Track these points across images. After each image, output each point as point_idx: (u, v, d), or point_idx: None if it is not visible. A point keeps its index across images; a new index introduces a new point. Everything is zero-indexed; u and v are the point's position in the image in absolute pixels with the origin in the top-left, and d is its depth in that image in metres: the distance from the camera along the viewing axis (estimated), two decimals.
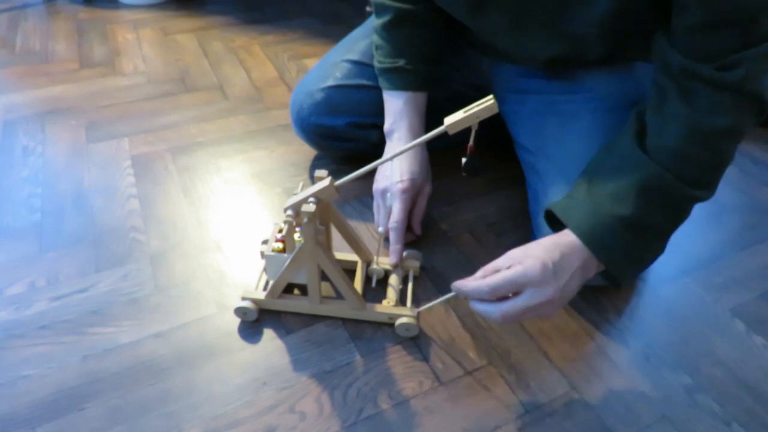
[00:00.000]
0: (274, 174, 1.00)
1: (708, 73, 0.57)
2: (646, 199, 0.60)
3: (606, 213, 0.60)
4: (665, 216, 0.61)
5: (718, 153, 0.60)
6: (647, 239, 0.62)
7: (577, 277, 0.60)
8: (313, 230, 0.63)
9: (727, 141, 0.60)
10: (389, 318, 0.71)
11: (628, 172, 0.61)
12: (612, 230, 0.60)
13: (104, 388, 0.64)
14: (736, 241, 0.88)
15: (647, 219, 0.60)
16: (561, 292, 0.58)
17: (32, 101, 1.21)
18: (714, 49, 0.57)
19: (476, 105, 0.56)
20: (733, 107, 0.58)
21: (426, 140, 0.59)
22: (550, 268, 0.57)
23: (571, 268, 0.59)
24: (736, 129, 0.59)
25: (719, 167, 0.62)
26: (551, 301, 0.58)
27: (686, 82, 0.59)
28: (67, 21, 1.64)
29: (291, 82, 1.32)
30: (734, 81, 0.56)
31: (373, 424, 0.62)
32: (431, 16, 0.81)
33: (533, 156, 0.81)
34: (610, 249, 0.60)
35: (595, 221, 0.61)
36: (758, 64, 0.56)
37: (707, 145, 0.59)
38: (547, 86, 0.82)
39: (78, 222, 0.89)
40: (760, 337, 0.72)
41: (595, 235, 0.60)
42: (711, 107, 0.58)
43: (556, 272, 0.58)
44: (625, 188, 0.60)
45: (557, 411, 0.63)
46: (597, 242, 0.60)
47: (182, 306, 0.75)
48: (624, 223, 0.60)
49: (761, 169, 1.04)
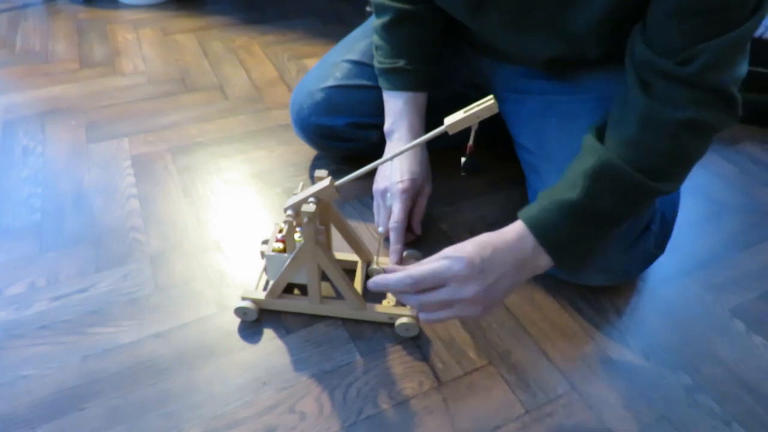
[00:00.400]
0: (274, 174, 1.00)
1: (666, 66, 0.57)
2: (594, 185, 0.58)
3: (553, 198, 0.60)
4: (614, 203, 0.59)
5: (678, 145, 0.59)
6: (594, 225, 0.60)
7: (508, 277, 0.58)
8: (313, 230, 0.63)
9: (688, 133, 0.58)
10: (389, 318, 0.71)
11: (582, 161, 0.61)
12: (557, 213, 0.59)
13: (104, 388, 0.64)
14: (736, 241, 0.88)
15: (594, 204, 0.59)
16: (486, 292, 0.57)
17: (32, 101, 1.21)
18: (679, 42, 0.56)
19: (476, 105, 0.56)
20: (692, 101, 0.57)
21: (426, 140, 0.59)
22: (477, 264, 0.57)
23: (502, 267, 0.58)
24: (699, 122, 0.58)
25: (680, 160, 0.60)
26: (474, 299, 0.57)
27: (646, 74, 0.59)
28: (67, 21, 1.64)
29: (291, 82, 1.32)
30: (690, 74, 0.55)
31: (373, 424, 0.62)
32: (431, 17, 0.81)
33: (533, 156, 0.81)
34: (552, 231, 0.59)
35: (542, 206, 0.60)
36: (719, 56, 0.55)
37: (665, 135, 0.58)
38: (547, 86, 0.82)
39: (78, 222, 0.89)
40: (760, 337, 0.72)
41: (539, 218, 0.59)
42: (668, 99, 0.57)
43: (483, 269, 0.57)
44: (576, 174, 0.60)
45: (557, 411, 0.63)
46: (540, 225, 0.59)
47: (182, 306, 0.75)
48: (570, 206, 0.59)
49: (761, 169, 1.04)
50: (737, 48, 0.56)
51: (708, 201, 0.96)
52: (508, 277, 0.59)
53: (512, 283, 0.60)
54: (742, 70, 0.58)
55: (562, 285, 0.78)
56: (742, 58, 0.58)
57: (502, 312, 0.75)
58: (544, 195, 0.62)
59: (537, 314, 0.75)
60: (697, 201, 0.95)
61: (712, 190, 0.99)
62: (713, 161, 1.06)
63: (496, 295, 0.59)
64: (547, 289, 0.78)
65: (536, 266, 0.60)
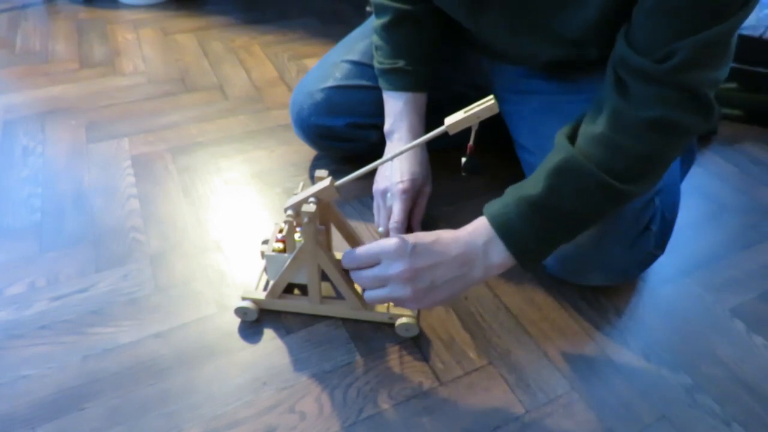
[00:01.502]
0: (274, 174, 1.00)
1: (641, 64, 0.56)
2: (557, 182, 0.58)
3: (515, 194, 0.60)
4: (576, 201, 0.58)
5: (647, 145, 0.58)
6: (553, 222, 0.59)
7: (449, 267, 0.58)
8: (313, 230, 0.63)
9: (656, 134, 0.57)
10: (389, 318, 0.71)
11: (549, 158, 0.60)
12: (516, 207, 0.59)
13: (104, 388, 0.64)
14: (736, 241, 0.88)
15: (555, 201, 0.58)
16: (415, 273, 0.58)
17: (32, 101, 1.21)
18: (659, 39, 0.55)
19: (477, 105, 0.56)
20: (661, 100, 0.56)
21: (426, 140, 0.59)
22: (408, 245, 0.58)
23: (439, 255, 0.58)
24: (667, 121, 0.57)
25: (649, 161, 0.59)
26: (402, 278, 0.58)
27: (622, 72, 0.59)
28: (67, 21, 1.64)
29: (291, 82, 1.32)
30: (661, 73, 0.55)
31: (373, 424, 0.62)
32: (431, 17, 0.81)
33: (533, 156, 0.81)
34: (511, 225, 0.59)
35: (504, 202, 0.60)
36: (696, 54, 0.54)
37: (633, 135, 0.57)
38: (547, 87, 0.82)
39: (78, 222, 0.89)
40: (760, 337, 0.72)
41: (499, 212, 0.59)
42: (639, 99, 0.57)
43: (415, 252, 0.58)
44: (540, 171, 0.60)
45: (557, 411, 0.63)
46: (498, 218, 0.59)
47: (182, 306, 0.75)
48: (530, 201, 0.58)
49: (761, 169, 1.04)
50: (716, 47, 0.55)
51: (708, 201, 0.96)
52: (448, 268, 0.59)
53: (456, 276, 0.59)
54: (721, 73, 0.57)
55: (562, 285, 0.78)
56: (721, 60, 0.56)
57: (502, 312, 0.75)
58: (508, 191, 0.62)
59: (537, 314, 0.75)
60: (697, 201, 0.95)
61: (712, 190, 0.99)
62: (713, 161, 1.06)
63: (432, 281, 0.58)
64: (547, 289, 0.78)
65: (489, 263, 0.60)
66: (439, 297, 0.60)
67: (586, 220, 0.61)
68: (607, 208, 0.61)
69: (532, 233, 0.59)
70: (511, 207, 0.59)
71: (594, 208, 0.60)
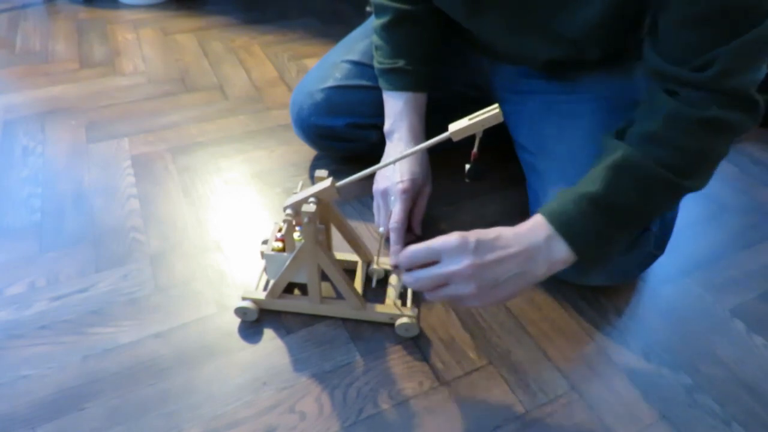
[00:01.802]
0: (274, 174, 1.00)
1: (680, 74, 0.57)
2: (615, 179, 0.59)
3: (574, 191, 0.60)
4: (637, 197, 0.59)
5: (701, 142, 0.59)
6: (615, 219, 0.59)
7: (512, 263, 0.57)
8: (313, 230, 0.63)
9: (711, 131, 0.58)
10: (389, 318, 0.71)
11: (602, 158, 0.61)
12: (577, 206, 0.59)
13: (104, 388, 0.64)
14: (736, 241, 0.88)
15: (616, 198, 0.59)
16: (479, 269, 0.56)
17: (32, 101, 1.21)
18: (691, 49, 0.56)
19: (481, 113, 0.56)
20: (715, 102, 0.57)
21: (430, 145, 0.60)
22: (470, 242, 0.56)
23: (502, 251, 0.57)
24: (722, 122, 0.58)
25: (703, 157, 0.60)
26: (465, 274, 0.56)
27: (667, 84, 0.59)
28: (67, 21, 1.64)
29: (291, 82, 1.32)
30: (708, 79, 0.56)
31: (373, 424, 0.62)
32: (431, 17, 0.81)
33: (533, 156, 0.81)
34: (573, 222, 0.58)
35: (562, 200, 0.60)
36: (735, 61, 0.55)
37: (688, 132, 0.58)
38: (547, 87, 0.82)
39: (78, 222, 0.89)
40: (760, 337, 0.72)
41: (559, 210, 0.59)
42: (693, 102, 0.58)
43: (477, 248, 0.56)
44: (597, 170, 0.60)
45: (557, 411, 0.63)
46: (559, 215, 0.59)
47: (182, 306, 0.75)
48: (591, 199, 0.58)
49: (761, 169, 1.04)
50: (753, 49, 0.55)
51: (708, 201, 0.96)
52: (511, 263, 0.57)
53: (519, 272, 0.58)
54: (760, 73, 0.58)
55: (562, 285, 0.78)
56: (759, 61, 0.57)
57: (502, 312, 0.75)
58: (562, 192, 0.61)
59: (537, 314, 0.75)
60: (697, 201, 0.95)
61: (712, 190, 0.99)
62: None
63: (495, 277, 0.57)
64: (547, 289, 0.78)
65: (551, 259, 0.59)
66: (502, 294, 0.58)
67: (645, 214, 0.62)
68: (666, 203, 0.62)
69: (592, 229, 0.59)
70: (570, 205, 0.59)
71: (653, 203, 0.61)
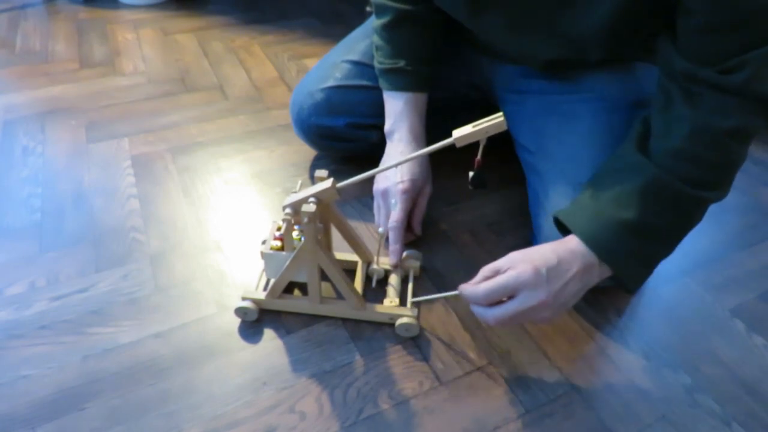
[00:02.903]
0: (274, 174, 1.00)
1: (711, 77, 0.57)
2: (649, 203, 0.60)
3: (610, 217, 0.60)
4: (671, 218, 0.61)
5: (725, 153, 0.59)
6: (653, 242, 0.61)
7: (576, 281, 0.59)
8: (313, 230, 0.63)
9: (734, 142, 0.59)
10: (389, 318, 0.71)
11: (630, 177, 0.61)
12: (616, 234, 0.60)
13: (104, 388, 0.64)
14: (736, 241, 0.88)
15: (652, 222, 0.60)
16: (554, 297, 0.58)
17: (32, 101, 1.21)
18: (718, 52, 0.56)
19: (486, 120, 0.57)
20: (738, 109, 0.57)
21: (432, 151, 0.60)
22: (543, 273, 0.58)
23: (567, 273, 0.59)
24: (744, 130, 0.58)
25: (728, 168, 0.61)
26: (543, 305, 0.58)
27: (690, 85, 0.59)
28: (67, 21, 1.64)
29: (291, 82, 1.32)
30: (738, 84, 0.56)
31: (373, 424, 0.62)
32: (431, 17, 0.81)
33: (533, 156, 0.81)
34: (615, 252, 0.60)
35: (599, 225, 0.61)
36: (763, 66, 0.55)
37: (714, 145, 0.58)
38: (548, 86, 0.82)
39: (78, 222, 0.89)
40: (760, 337, 0.72)
41: (599, 239, 0.60)
42: (716, 109, 0.58)
43: (549, 278, 0.58)
44: (628, 192, 0.60)
45: (557, 411, 0.63)
46: (602, 246, 0.60)
47: (182, 306, 0.75)
48: (628, 226, 0.60)
49: (761, 170, 1.04)
50: None
51: None
52: (575, 281, 0.59)
53: (581, 287, 0.61)
54: None
55: None
56: None
57: None
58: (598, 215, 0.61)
59: None
60: None
61: None
62: None
63: (565, 299, 0.59)
64: None
65: (603, 271, 0.61)
66: (566, 308, 0.62)
67: (680, 230, 0.63)
68: (697, 216, 0.63)
69: (633, 253, 0.61)
70: (609, 233, 0.60)
71: (686, 220, 0.62)
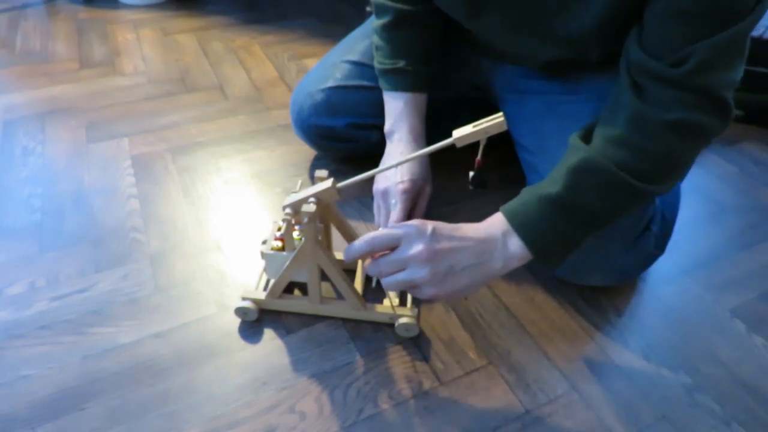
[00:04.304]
0: (274, 174, 1.00)
1: (657, 68, 0.56)
2: (576, 180, 0.59)
3: (534, 192, 0.60)
4: (597, 200, 0.59)
5: (666, 146, 0.58)
6: (574, 221, 0.60)
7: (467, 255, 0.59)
8: (313, 230, 0.63)
9: (675, 135, 0.58)
10: (389, 318, 0.71)
11: (566, 159, 0.61)
12: (537, 206, 0.59)
13: (104, 388, 0.64)
14: (736, 241, 0.88)
15: (576, 200, 0.59)
16: (435, 255, 0.57)
17: (32, 101, 1.21)
18: (672, 43, 0.56)
19: (485, 121, 0.57)
20: (679, 102, 0.57)
21: (432, 151, 0.60)
22: (427, 229, 0.58)
23: (459, 241, 0.59)
24: (688, 123, 0.57)
25: (668, 161, 0.60)
26: (419, 257, 0.57)
27: (638, 76, 0.59)
28: (67, 21, 1.64)
29: (291, 82, 1.32)
30: (679, 76, 0.55)
31: (373, 424, 0.62)
32: (431, 17, 0.81)
33: (533, 156, 0.81)
34: (532, 225, 0.59)
35: (522, 199, 0.61)
36: (709, 57, 0.54)
37: (653, 136, 0.58)
38: (548, 86, 0.82)
39: (78, 222, 0.89)
40: (760, 337, 0.72)
41: (518, 210, 0.60)
42: (658, 101, 0.57)
43: (434, 234, 0.58)
44: (558, 171, 0.60)
45: (557, 411, 0.63)
46: (519, 218, 0.60)
47: (182, 306, 0.75)
48: (550, 200, 0.59)
49: (761, 170, 1.04)
50: (731, 49, 0.55)
51: (708, 201, 0.96)
52: (467, 253, 0.59)
53: (475, 264, 0.59)
54: (736, 74, 0.57)
55: (562, 285, 0.78)
56: (736, 61, 0.57)
57: (502, 312, 0.75)
58: (525, 190, 0.62)
59: (537, 314, 0.75)
60: (697, 201, 0.95)
61: (712, 190, 0.99)
62: (713, 161, 1.06)
63: (451, 265, 0.58)
64: (547, 289, 0.78)
65: (507, 254, 0.60)
66: (458, 284, 0.60)
67: (605, 218, 0.61)
68: (627, 207, 0.62)
69: (550, 230, 0.59)
70: (530, 205, 0.60)
71: (614, 207, 0.61)
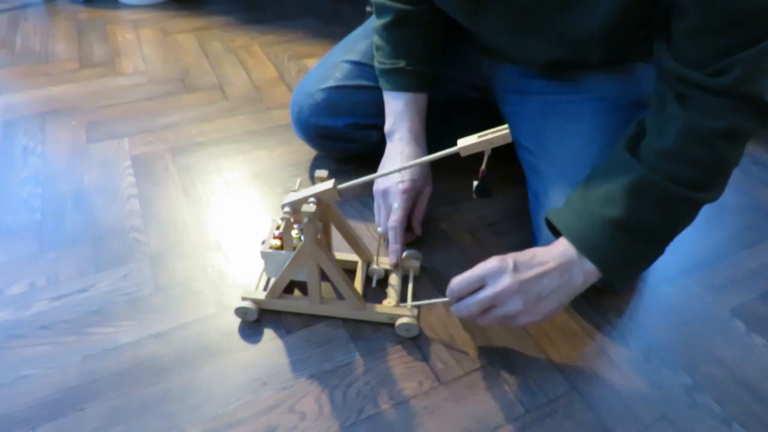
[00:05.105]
0: (274, 174, 1.00)
1: (700, 79, 0.57)
2: (636, 201, 0.60)
3: (596, 214, 0.61)
4: (658, 217, 0.61)
5: (717, 154, 0.59)
6: (641, 241, 0.61)
7: (553, 277, 0.60)
8: (313, 230, 0.63)
9: (726, 143, 0.59)
10: (389, 318, 0.71)
11: (618, 176, 0.61)
12: (601, 230, 0.60)
13: (104, 388, 0.64)
14: (736, 241, 0.88)
15: (638, 220, 0.60)
16: (522, 285, 0.59)
17: (32, 101, 1.21)
18: (708, 54, 0.56)
19: (490, 132, 0.57)
20: (729, 110, 0.57)
21: (436, 158, 0.60)
22: (508, 262, 0.59)
23: (541, 266, 0.60)
24: (736, 131, 0.58)
25: (720, 169, 0.61)
26: (509, 291, 0.58)
27: (681, 87, 0.59)
28: (67, 21, 1.64)
29: (291, 82, 1.32)
30: (726, 85, 0.56)
31: (373, 424, 0.62)
32: (432, 17, 0.81)
33: (534, 156, 0.81)
34: (599, 248, 0.60)
35: (585, 223, 0.61)
36: (752, 66, 0.55)
37: (704, 145, 0.59)
38: (548, 87, 0.82)
39: (78, 222, 0.89)
40: (760, 337, 0.72)
41: (583, 235, 0.60)
42: (707, 111, 0.58)
43: (517, 267, 0.59)
44: (615, 191, 0.61)
45: (557, 411, 0.63)
46: (584, 241, 0.60)
47: (182, 306, 0.75)
48: (613, 223, 0.60)
49: (761, 170, 1.04)
50: None
51: None
52: (551, 277, 0.60)
53: (560, 284, 0.60)
54: None
55: None
56: None
57: None
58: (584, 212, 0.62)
59: None
60: None
61: None
62: None
63: (538, 292, 0.59)
64: None
65: (585, 269, 0.61)
66: (548, 307, 0.61)
67: (668, 231, 0.63)
68: (687, 219, 0.63)
69: (619, 252, 0.61)
70: (595, 230, 0.60)
71: (675, 220, 0.62)
